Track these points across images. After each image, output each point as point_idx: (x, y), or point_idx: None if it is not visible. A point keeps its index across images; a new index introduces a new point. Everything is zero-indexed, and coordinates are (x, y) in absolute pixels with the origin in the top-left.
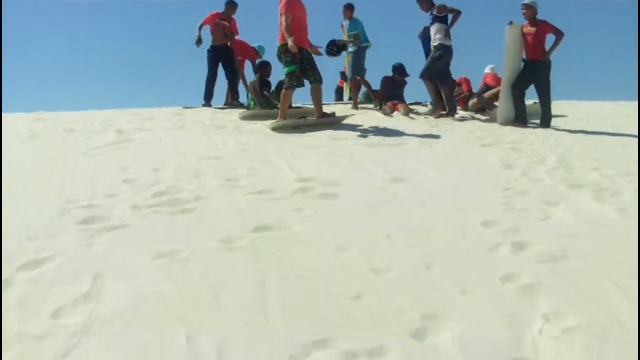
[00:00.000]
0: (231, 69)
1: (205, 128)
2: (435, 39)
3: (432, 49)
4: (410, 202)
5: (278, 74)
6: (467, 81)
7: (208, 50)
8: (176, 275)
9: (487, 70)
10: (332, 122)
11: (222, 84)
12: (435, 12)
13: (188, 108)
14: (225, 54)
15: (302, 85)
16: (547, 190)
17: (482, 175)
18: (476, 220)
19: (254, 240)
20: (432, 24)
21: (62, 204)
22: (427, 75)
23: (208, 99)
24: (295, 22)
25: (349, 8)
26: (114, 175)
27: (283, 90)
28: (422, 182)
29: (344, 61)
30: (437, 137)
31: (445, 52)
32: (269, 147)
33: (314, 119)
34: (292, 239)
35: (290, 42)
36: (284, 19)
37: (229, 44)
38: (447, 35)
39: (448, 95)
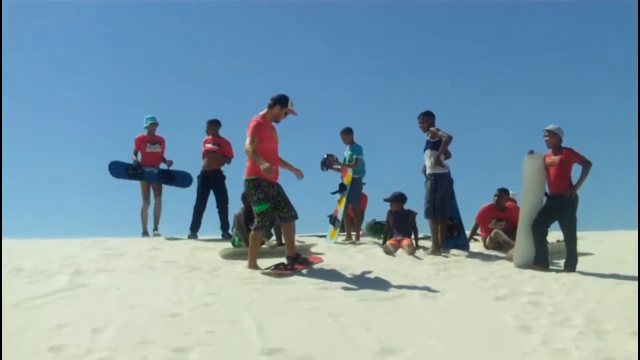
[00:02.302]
0: (223, 197)
1: (177, 269)
2: (428, 167)
3: (426, 178)
4: None
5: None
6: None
7: (198, 177)
8: None
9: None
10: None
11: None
12: (428, 137)
13: (171, 239)
14: (217, 181)
15: (272, 224)
16: None
17: (492, 344)
18: None
19: None
20: (425, 148)
21: None
22: (431, 212)
23: (194, 229)
24: (263, 149)
25: (349, 132)
26: (40, 338)
27: (252, 231)
28: (418, 356)
29: (336, 204)
30: (443, 286)
31: (438, 181)
32: (243, 299)
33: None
34: None
35: (263, 166)
36: (248, 143)
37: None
38: (438, 162)
39: (441, 228)
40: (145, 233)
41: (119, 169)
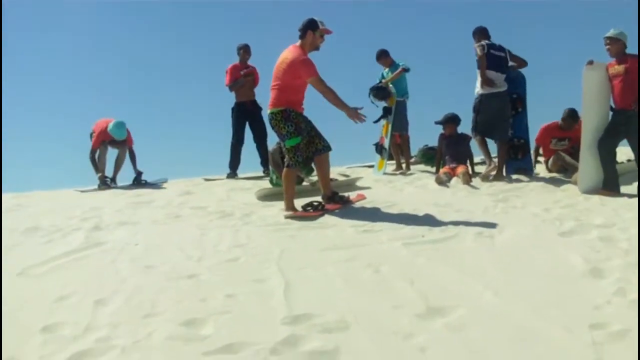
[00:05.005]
0: (260, 129)
1: (206, 217)
2: (476, 87)
3: None
4: None
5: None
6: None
7: (232, 109)
8: None
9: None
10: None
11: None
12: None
13: (209, 180)
14: (253, 112)
15: (310, 162)
16: None
17: (559, 296)
18: None
19: None
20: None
21: None
22: (474, 130)
23: (233, 167)
24: (300, 86)
25: (386, 54)
26: (36, 315)
27: (285, 169)
28: (470, 317)
29: (381, 131)
30: (501, 220)
31: (483, 103)
32: (272, 251)
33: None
34: None
35: (351, 111)
36: (321, 85)
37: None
38: (485, 82)
39: (501, 152)
40: (104, 180)
41: None
